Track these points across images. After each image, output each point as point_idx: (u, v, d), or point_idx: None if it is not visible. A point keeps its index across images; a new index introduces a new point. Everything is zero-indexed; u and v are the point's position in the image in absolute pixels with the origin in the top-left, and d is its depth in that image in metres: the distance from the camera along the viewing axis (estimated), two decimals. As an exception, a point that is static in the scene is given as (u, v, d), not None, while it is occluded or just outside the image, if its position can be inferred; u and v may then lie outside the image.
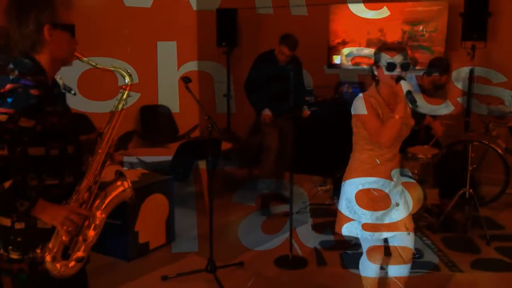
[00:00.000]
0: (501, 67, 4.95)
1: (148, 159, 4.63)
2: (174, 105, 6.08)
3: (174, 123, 6.25)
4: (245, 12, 6.43)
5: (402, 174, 2.67)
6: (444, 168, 4.41)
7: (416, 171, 4.15)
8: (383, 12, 5.34)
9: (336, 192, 5.15)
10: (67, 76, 1.86)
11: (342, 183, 2.60)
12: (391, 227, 2.50)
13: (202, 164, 4.56)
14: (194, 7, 6.81)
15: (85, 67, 1.81)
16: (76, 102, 1.96)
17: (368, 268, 2.70)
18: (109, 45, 4.62)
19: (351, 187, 2.53)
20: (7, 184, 1.55)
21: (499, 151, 4.71)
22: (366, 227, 2.49)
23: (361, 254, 2.73)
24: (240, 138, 5.72)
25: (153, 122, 6.09)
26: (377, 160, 2.47)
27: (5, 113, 1.55)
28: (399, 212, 2.51)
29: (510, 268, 3.58)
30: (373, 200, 2.49)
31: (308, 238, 4.12)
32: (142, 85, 1.96)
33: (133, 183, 1.95)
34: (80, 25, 1.90)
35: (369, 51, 5.59)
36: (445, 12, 5.15)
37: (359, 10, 5.52)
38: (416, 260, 2.98)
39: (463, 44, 4.99)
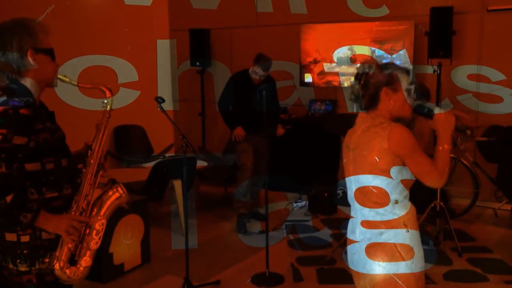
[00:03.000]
0: (465, 83, 5.14)
1: (122, 179, 4.59)
2: (148, 125, 6.10)
3: (149, 143, 6.23)
4: (218, 32, 6.51)
5: None
6: (415, 182, 4.51)
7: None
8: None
9: (311, 208, 5.21)
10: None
11: None
12: None
13: (177, 184, 4.54)
14: (168, 27, 6.88)
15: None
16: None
17: None
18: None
19: None
20: (8, 198, 1.66)
21: (468, 164, 4.85)
22: None
23: (336, 269, 2.72)
24: (215, 156, 5.73)
25: (127, 142, 6.05)
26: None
27: None
28: None
29: (482, 279, 3.66)
30: None
31: (284, 254, 4.13)
32: (116, 105, 2.02)
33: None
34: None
35: (340, 69, 5.72)
36: (411, 31, 5.32)
37: (330, 29, 5.67)
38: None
39: (429, 61, 5.16)
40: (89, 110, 2.20)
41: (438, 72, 5.08)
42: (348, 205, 2.33)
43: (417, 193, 2.57)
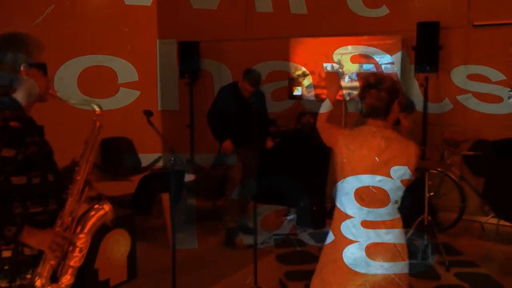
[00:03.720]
0: (454, 94, 5.18)
1: (109, 192, 4.54)
2: (135, 137, 6.06)
3: (136, 155, 6.18)
4: (207, 45, 6.52)
5: None
6: (403, 196, 4.52)
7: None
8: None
9: (300, 221, 5.19)
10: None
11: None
12: None
13: (165, 197, 4.50)
14: (156, 38, 6.88)
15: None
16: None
17: None
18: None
19: None
20: None
21: (455, 178, 4.88)
22: None
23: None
24: (204, 169, 5.70)
25: (114, 155, 6.00)
26: None
27: None
28: None
29: (469, 293, 3.67)
30: None
31: (272, 269, 4.10)
32: (104, 116, 2.01)
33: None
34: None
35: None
36: (398, 45, 5.38)
37: (319, 43, 5.72)
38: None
39: (416, 75, 5.21)
40: (78, 125, 2.17)
41: (425, 86, 5.14)
42: None
43: (405, 208, 2.59)
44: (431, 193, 4.42)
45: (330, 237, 2.38)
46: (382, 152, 2.19)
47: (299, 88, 5.94)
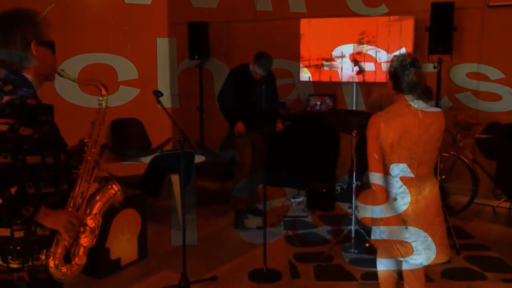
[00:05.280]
0: (464, 81, 5.11)
1: (119, 173, 4.56)
2: (146, 119, 6.07)
3: (147, 137, 6.19)
4: (217, 26, 6.46)
5: None
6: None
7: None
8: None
9: (309, 204, 5.19)
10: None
11: None
12: None
13: (175, 178, 4.51)
14: (166, 20, 6.84)
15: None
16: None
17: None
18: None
19: None
20: (13, 190, 1.62)
21: (467, 161, 4.83)
22: None
23: (333, 266, 2.77)
24: (213, 152, 5.70)
25: (124, 136, 6.01)
26: None
27: (5, 123, 1.63)
28: None
29: (480, 277, 3.65)
30: None
31: (282, 251, 4.11)
32: (113, 98, 1.99)
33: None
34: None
35: (339, 65, 5.68)
36: (411, 26, 5.28)
37: (329, 23, 5.64)
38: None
39: (429, 57, 5.12)
40: (85, 107, 2.16)
41: (438, 68, 5.05)
42: (346, 201, 2.37)
43: None
44: (443, 176, 4.38)
45: None
46: (420, 121, 2.49)
47: (309, 71, 5.88)
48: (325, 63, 5.73)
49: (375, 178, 2.49)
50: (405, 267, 2.69)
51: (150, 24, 6.35)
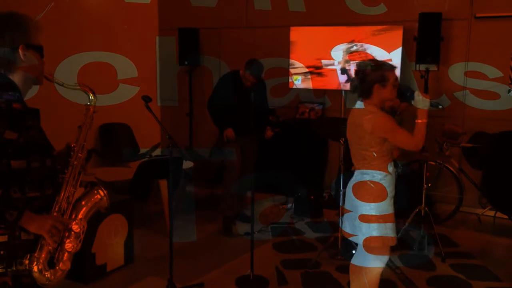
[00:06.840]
0: (453, 88, 5.18)
1: (107, 178, 4.54)
2: (134, 123, 6.05)
3: (135, 142, 6.17)
4: (207, 32, 6.48)
5: None
6: (400, 187, 4.53)
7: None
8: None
9: (297, 211, 5.21)
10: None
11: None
12: None
13: (163, 183, 4.50)
14: (157, 26, 6.84)
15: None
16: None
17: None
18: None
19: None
20: None
21: (453, 170, 4.88)
22: None
23: (320, 273, 2.78)
24: (202, 156, 5.70)
25: (112, 141, 5.98)
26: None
27: None
28: None
29: (465, 285, 3.68)
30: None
31: (269, 257, 4.12)
32: (102, 103, 1.99)
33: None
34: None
35: (328, 70, 5.72)
36: (400, 35, 5.34)
37: (319, 32, 5.68)
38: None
39: (417, 66, 5.19)
40: (71, 111, 2.15)
41: (426, 77, 5.11)
42: (334, 208, 2.37)
43: (402, 198, 2.66)
44: (429, 185, 4.42)
45: None
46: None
47: (299, 77, 5.91)
48: (314, 70, 5.77)
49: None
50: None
51: (140, 30, 6.35)
